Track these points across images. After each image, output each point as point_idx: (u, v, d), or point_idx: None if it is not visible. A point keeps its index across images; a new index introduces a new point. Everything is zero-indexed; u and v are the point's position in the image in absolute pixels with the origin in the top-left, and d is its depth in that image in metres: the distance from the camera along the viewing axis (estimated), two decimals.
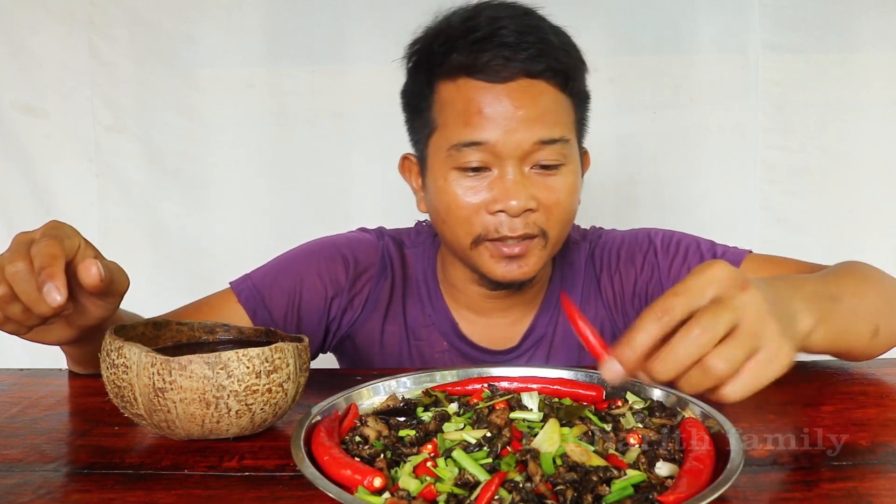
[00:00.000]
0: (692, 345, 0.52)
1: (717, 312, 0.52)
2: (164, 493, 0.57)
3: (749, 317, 0.53)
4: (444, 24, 0.92)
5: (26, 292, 0.63)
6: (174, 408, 0.62)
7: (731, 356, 0.52)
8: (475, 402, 0.69)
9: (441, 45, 0.90)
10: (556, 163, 0.89)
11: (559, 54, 0.89)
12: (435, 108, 0.92)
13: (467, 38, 0.87)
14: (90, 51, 1.79)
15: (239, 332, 0.77)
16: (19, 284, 0.63)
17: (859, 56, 1.74)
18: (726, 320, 0.52)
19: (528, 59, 0.86)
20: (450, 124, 0.89)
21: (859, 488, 0.55)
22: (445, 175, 0.90)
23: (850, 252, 1.79)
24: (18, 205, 1.84)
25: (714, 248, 1.00)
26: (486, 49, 0.86)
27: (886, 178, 1.78)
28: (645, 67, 1.78)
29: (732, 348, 0.52)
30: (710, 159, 1.80)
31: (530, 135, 0.86)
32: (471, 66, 0.87)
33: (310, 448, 0.59)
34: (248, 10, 1.79)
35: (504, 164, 0.87)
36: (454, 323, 1.03)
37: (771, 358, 0.54)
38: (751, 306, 0.54)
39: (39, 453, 0.65)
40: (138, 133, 1.83)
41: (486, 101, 0.86)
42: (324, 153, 1.83)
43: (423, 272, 1.05)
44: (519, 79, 0.86)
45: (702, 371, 0.52)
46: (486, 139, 0.86)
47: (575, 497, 0.52)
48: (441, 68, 0.90)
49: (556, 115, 0.89)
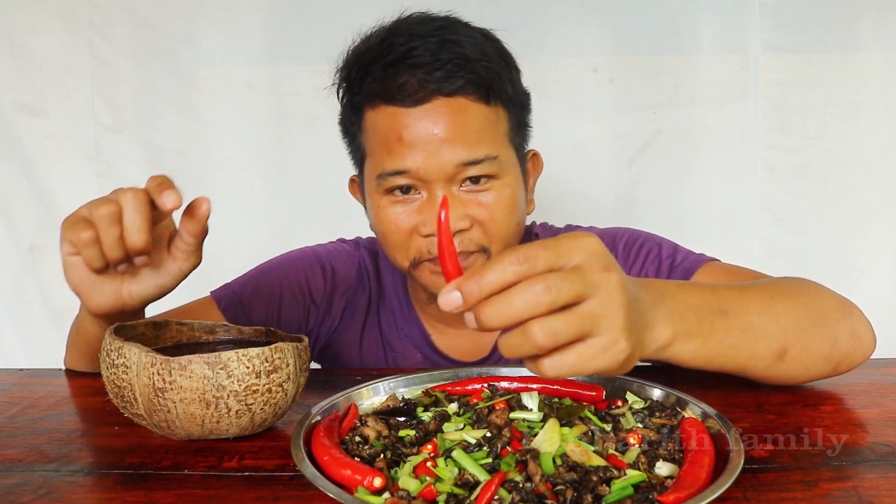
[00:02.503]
0: (530, 300, 0.48)
1: (569, 278, 0.49)
2: (164, 493, 0.57)
3: (598, 298, 0.50)
4: (363, 46, 0.89)
5: (122, 228, 0.66)
6: (174, 408, 0.62)
7: (557, 330, 0.49)
8: (475, 402, 0.69)
9: (358, 72, 0.88)
10: (487, 177, 0.87)
11: (477, 66, 0.84)
12: (362, 135, 0.91)
13: (380, 62, 0.85)
14: (90, 51, 1.79)
15: (239, 332, 0.77)
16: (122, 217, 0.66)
17: (859, 56, 1.74)
18: (575, 290, 0.49)
19: (444, 78, 0.83)
20: (375, 153, 0.88)
21: (859, 488, 0.55)
22: (378, 201, 0.90)
23: (851, 252, 1.81)
24: (18, 205, 1.84)
25: (675, 252, 0.97)
26: (400, 72, 0.83)
27: (886, 178, 1.77)
28: (645, 67, 1.78)
29: (562, 322, 0.49)
30: (710, 159, 1.80)
31: (453, 156, 0.84)
32: (386, 91, 0.84)
33: (310, 448, 0.59)
34: (248, 10, 1.79)
35: (431, 186, 0.86)
36: (426, 335, 1.03)
37: (604, 348, 0.51)
38: (605, 289, 0.50)
39: (39, 453, 0.65)
40: (138, 133, 1.83)
41: (404, 127, 0.84)
42: (324, 153, 1.82)
43: (394, 285, 1.05)
44: (434, 99, 0.84)
45: (521, 334, 0.49)
46: (408, 167, 0.85)
47: (575, 497, 0.52)
48: (360, 96, 0.88)
49: (480, 132, 0.86)
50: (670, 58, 1.78)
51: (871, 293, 1.73)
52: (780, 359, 0.70)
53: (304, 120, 1.81)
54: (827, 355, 0.74)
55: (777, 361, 0.70)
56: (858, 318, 0.78)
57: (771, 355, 0.70)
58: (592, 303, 0.50)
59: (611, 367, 0.52)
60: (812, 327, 0.73)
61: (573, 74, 1.75)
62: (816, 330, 0.73)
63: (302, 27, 1.79)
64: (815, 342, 0.73)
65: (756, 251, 1.80)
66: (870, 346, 0.78)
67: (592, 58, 1.76)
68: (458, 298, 0.49)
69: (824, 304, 0.76)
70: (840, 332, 0.75)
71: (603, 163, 1.82)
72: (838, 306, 0.77)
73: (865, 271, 1.80)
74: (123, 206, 0.66)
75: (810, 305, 0.74)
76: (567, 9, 1.74)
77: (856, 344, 0.76)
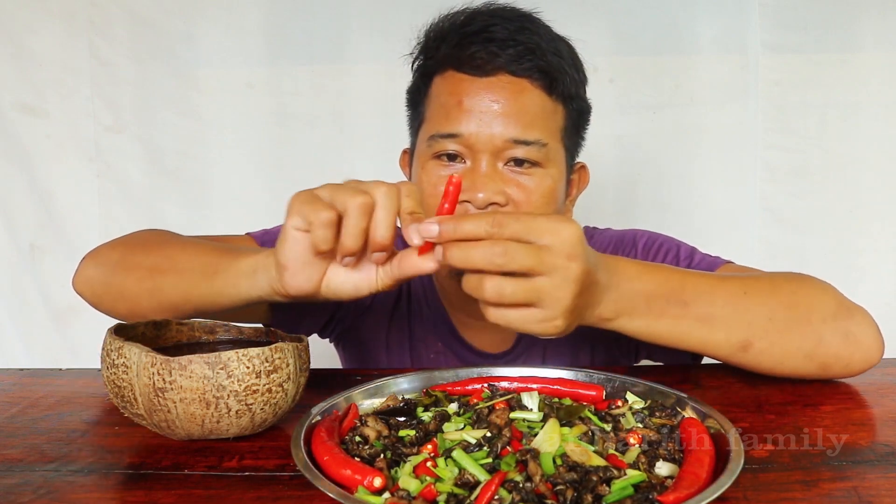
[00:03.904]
0: (485, 256, 0.57)
1: (528, 253, 0.58)
2: (164, 493, 0.57)
3: (551, 279, 0.59)
4: (444, 21, 0.93)
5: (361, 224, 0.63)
6: (174, 408, 0.62)
7: (504, 291, 0.59)
8: (475, 402, 0.69)
9: (435, 40, 0.92)
10: (533, 163, 0.88)
11: (547, 56, 0.88)
12: (425, 101, 0.93)
13: (459, 32, 0.89)
14: (90, 51, 1.80)
15: (239, 332, 0.77)
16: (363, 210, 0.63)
17: (859, 56, 1.74)
18: (527, 264, 0.58)
19: (514, 56, 0.86)
20: (433, 117, 0.91)
21: (859, 488, 0.55)
22: (424, 164, 0.91)
23: (851, 252, 1.81)
24: (18, 205, 1.84)
25: (693, 254, 0.98)
26: (474, 42, 0.87)
27: (886, 178, 1.77)
28: (645, 67, 1.78)
29: (511, 286, 0.59)
30: (710, 159, 1.80)
31: (505, 131, 0.86)
32: (457, 58, 0.88)
33: (310, 448, 0.59)
34: (248, 10, 1.79)
35: (478, 156, 0.88)
36: (450, 324, 1.03)
37: (541, 319, 0.61)
38: (560, 274, 0.59)
39: (39, 453, 0.65)
40: (138, 133, 1.83)
41: (466, 94, 0.87)
42: (324, 153, 1.83)
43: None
44: (500, 74, 0.87)
45: (477, 281, 0.59)
46: (461, 131, 0.87)
47: (575, 497, 0.52)
48: (433, 62, 0.92)
49: (535, 117, 0.88)
50: (670, 58, 1.78)
51: (871, 293, 1.72)
52: (744, 350, 0.75)
53: (304, 120, 1.82)
54: (808, 353, 0.75)
55: (740, 352, 0.75)
56: (858, 322, 0.77)
57: (731, 346, 0.75)
58: (543, 280, 0.59)
59: (545, 335, 0.62)
60: (787, 324, 0.75)
61: None
62: (793, 327, 0.75)
63: (302, 27, 1.79)
64: (790, 339, 0.75)
65: (756, 251, 1.80)
66: (872, 352, 0.77)
67: (592, 58, 1.76)
68: (435, 231, 0.59)
69: (811, 303, 0.77)
70: (826, 333, 0.76)
71: (603, 163, 1.82)
72: (833, 307, 0.77)
73: (866, 271, 1.80)
74: (377, 200, 0.63)
75: (791, 303, 0.76)
76: (567, 9, 1.74)
77: (850, 347, 0.76)
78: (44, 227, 1.83)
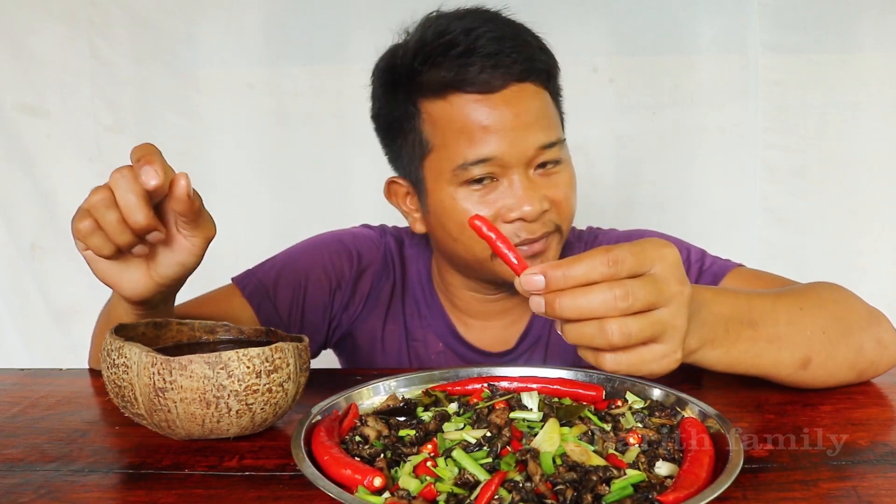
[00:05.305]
0: (608, 301, 0.51)
1: (647, 288, 0.52)
2: (164, 493, 0.57)
3: (670, 309, 0.53)
4: (417, 40, 0.89)
5: (116, 207, 0.66)
6: (174, 407, 0.62)
7: (632, 332, 0.52)
8: (475, 402, 0.69)
9: (422, 63, 0.88)
10: (554, 161, 0.89)
11: (538, 53, 0.89)
12: (425, 128, 0.89)
13: (449, 54, 0.86)
14: (90, 51, 1.80)
15: (239, 332, 0.77)
16: (112, 203, 0.67)
17: (859, 56, 1.74)
18: (650, 300, 0.52)
19: (513, 64, 0.85)
20: (450, 143, 0.87)
21: (859, 488, 0.55)
22: (452, 194, 0.88)
23: (851, 252, 1.81)
24: (19, 205, 1.84)
25: (703, 257, 0.98)
26: (472, 62, 0.85)
27: (886, 178, 1.78)
28: (645, 67, 1.78)
29: (638, 325, 0.52)
30: (710, 159, 1.80)
31: (535, 140, 0.86)
32: (460, 80, 0.85)
33: (310, 448, 0.59)
34: (248, 10, 1.79)
35: (510, 172, 0.87)
36: (451, 324, 1.03)
37: (663, 355, 0.54)
38: (677, 301, 0.54)
39: (40, 453, 0.65)
40: (138, 133, 1.83)
41: (485, 114, 0.85)
42: (324, 153, 1.83)
43: (419, 274, 1.05)
44: (510, 86, 0.86)
45: (598, 328, 0.52)
46: (493, 153, 0.85)
47: (575, 497, 0.52)
48: (425, 86, 0.88)
49: (549, 117, 0.89)
50: (670, 58, 1.78)
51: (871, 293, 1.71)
52: (804, 367, 0.72)
53: (304, 120, 1.82)
54: (851, 363, 0.76)
55: (800, 370, 0.72)
56: (886, 328, 0.79)
57: (795, 364, 0.71)
58: (664, 312, 0.53)
59: (661, 372, 0.55)
60: (838, 336, 0.74)
61: (573, 74, 1.75)
62: (842, 339, 0.74)
63: (302, 27, 1.79)
64: (840, 351, 0.74)
65: (756, 251, 1.80)
66: (895, 355, 0.79)
67: (592, 58, 1.76)
68: (541, 282, 0.53)
69: (851, 313, 0.77)
70: (865, 341, 0.76)
71: (603, 163, 1.82)
72: (866, 315, 0.79)
73: (866, 271, 1.80)
74: (114, 188, 0.66)
75: (837, 314, 0.76)
76: (567, 9, 1.74)
77: (881, 353, 0.77)
78: (44, 227, 1.83)
